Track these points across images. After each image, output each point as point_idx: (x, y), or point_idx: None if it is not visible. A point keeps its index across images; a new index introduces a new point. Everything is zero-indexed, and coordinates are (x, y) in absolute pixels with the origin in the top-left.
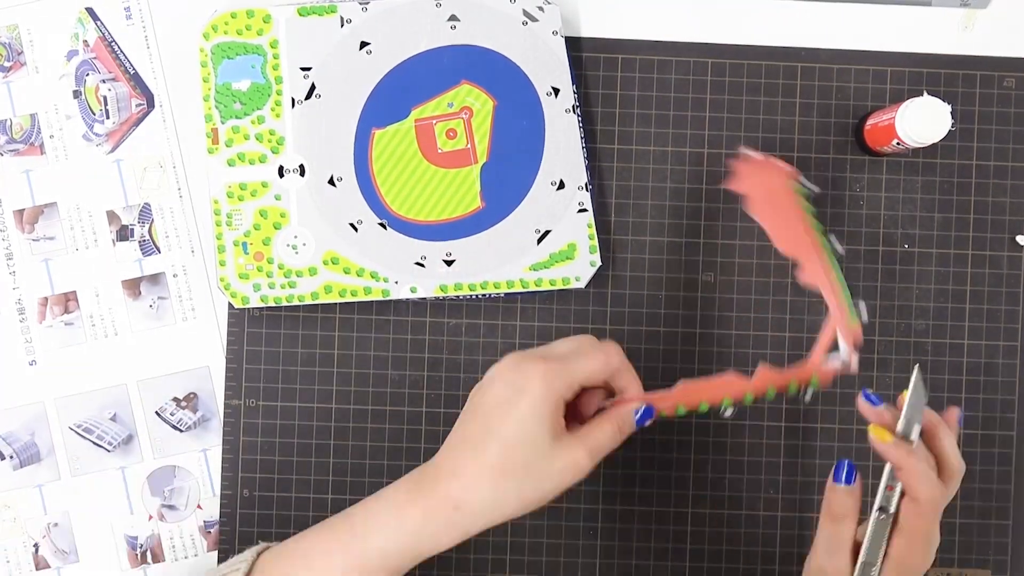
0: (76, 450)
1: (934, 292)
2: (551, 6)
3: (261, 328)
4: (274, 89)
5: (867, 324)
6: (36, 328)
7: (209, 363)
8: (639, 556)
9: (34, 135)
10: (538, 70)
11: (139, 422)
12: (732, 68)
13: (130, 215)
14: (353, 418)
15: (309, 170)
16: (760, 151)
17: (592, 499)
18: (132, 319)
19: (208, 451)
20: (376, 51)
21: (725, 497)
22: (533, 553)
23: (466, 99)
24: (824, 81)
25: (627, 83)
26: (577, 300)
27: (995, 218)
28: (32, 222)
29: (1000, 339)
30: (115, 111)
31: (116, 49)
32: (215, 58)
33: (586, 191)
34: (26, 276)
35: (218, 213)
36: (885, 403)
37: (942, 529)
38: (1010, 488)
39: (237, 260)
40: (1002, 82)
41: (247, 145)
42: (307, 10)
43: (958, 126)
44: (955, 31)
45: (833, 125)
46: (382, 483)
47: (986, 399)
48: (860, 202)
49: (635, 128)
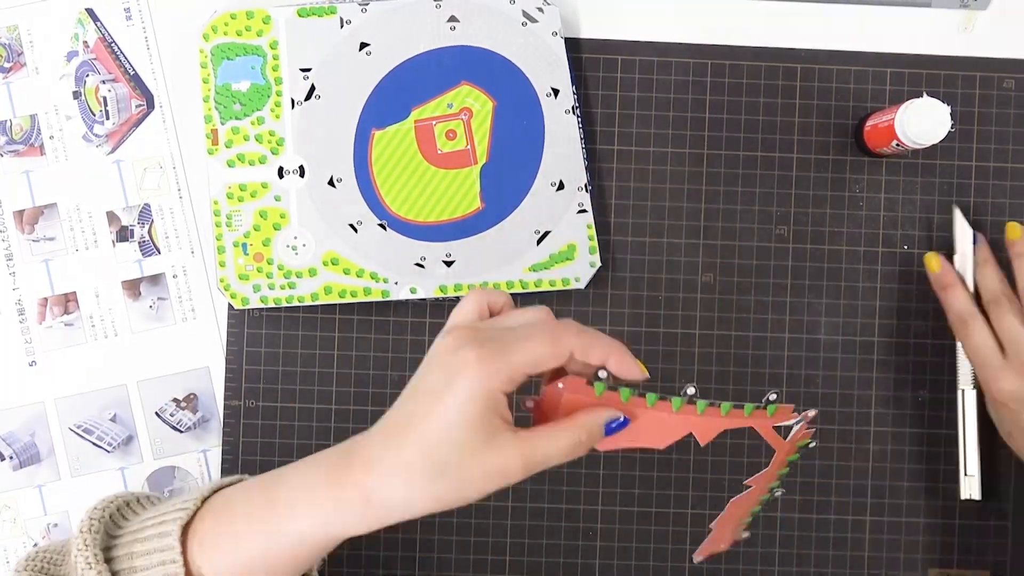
0: (76, 451)
1: (933, 293)
2: (551, 7)
3: (261, 329)
4: (274, 90)
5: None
6: (36, 329)
7: (209, 364)
8: (639, 556)
9: (34, 136)
10: (538, 71)
11: (139, 423)
12: (732, 69)
13: (130, 216)
14: (353, 419)
15: (309, 171)
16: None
17: (592, 500)
18: (132, 320)
19: (208, 452)
20: (376, 52)
21: (725, 497)
22: (533, 554)
23: (466, 100)
24: (823, 82)
25: (627, 84)
26: (577, 301)
27: (995, 219)
28: (32, 223)
29: None
30: (115, 112)
31: (116, 50)
32: (215, 59)
33: (586, 192)
34: (26, 277)
35: (218, 214)
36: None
37: (941, 529)
38: (1010, 488)
39: (237, 261)
40: (1002, 83)
41: (247, 146)
42: (307, 11)
43: (958, 127)
44: (955, 32)
45: (833, 126)
46: None
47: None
48: (860, 203)
49: (635, 129)
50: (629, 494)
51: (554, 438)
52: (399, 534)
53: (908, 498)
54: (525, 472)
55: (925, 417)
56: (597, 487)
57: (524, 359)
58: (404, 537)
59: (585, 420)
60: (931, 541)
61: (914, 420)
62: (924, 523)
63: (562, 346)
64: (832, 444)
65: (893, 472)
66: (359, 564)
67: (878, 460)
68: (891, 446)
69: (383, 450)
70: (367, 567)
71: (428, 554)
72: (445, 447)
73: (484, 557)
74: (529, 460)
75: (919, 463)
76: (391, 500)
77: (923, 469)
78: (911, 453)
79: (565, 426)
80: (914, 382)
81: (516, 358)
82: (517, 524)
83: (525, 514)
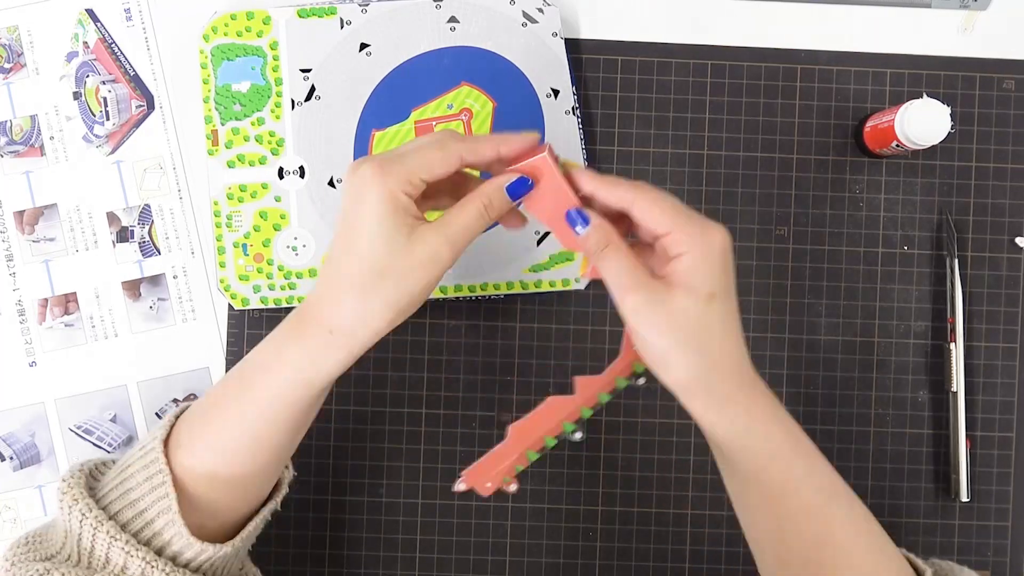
0: (76, 451)
1: (933, 293)
2: (551, 8)
3: (261, 329)
4: (274, 91)
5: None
6: (36, 329)
7: (209, 364)
8: (639, 557)
9: (34, 136)
10: (538, 72)
11: (139, 423)
12: (732, 70)
13: (130, 216)
14: (353, 419)
15: (309, 172)
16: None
17: (592, 500)
18: (132, 320)
19: None
20: (376, 53)
21: (724, 498)
22: (533, 554)
23: (466, 100)
24: (824, 83)
25: (627, 85)
26: (577, 301)
27: (994, 220)
28: (32, 223)
29: (1000, 340)
30: (115, 112)
31: (116, 50)
32: (215, 60)
33: None
34: (26, 277)
35: (218, 215)
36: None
37: (941, 530)
38: (1010, 489)
39: (237, 261)
40: (1001, 84)
41: (247, 147)
42: (307, 12)
43: (957, 128)
44: (955, 33)
45: (833, 127)
46: (381, 484)
47: (986, 400)
48: (860, 203)
49: (635, 130)
50: (629, 494)
51: (463, 210)
52: (399, 534)
53: (908, 498)
54: (452, 249)
55: (925, 417)
56: (597, 487)
57: (416, 163)
58: (404, 537)
59: (486, 187)
60: (931, 541)
61: (914, 420)
62: (924, 523)
63: (449, 150)
64: (832, 444)
65: (893, 472)
66: (359, 564)
67: (878, 460)
68: (891, 446)
69: (327, 285)
70: (367, 567)
71: (428, 554)
72: (376, 254)
73: (484, 557)
74: (450, 237)
75: (919, 463)
76: (351, 320)
77: (923, 469)
78: (911, 453)
79: (469, 197)
80: (914, 382)
81: (409, 163)
82: (517, 524)
83: (525, 514)
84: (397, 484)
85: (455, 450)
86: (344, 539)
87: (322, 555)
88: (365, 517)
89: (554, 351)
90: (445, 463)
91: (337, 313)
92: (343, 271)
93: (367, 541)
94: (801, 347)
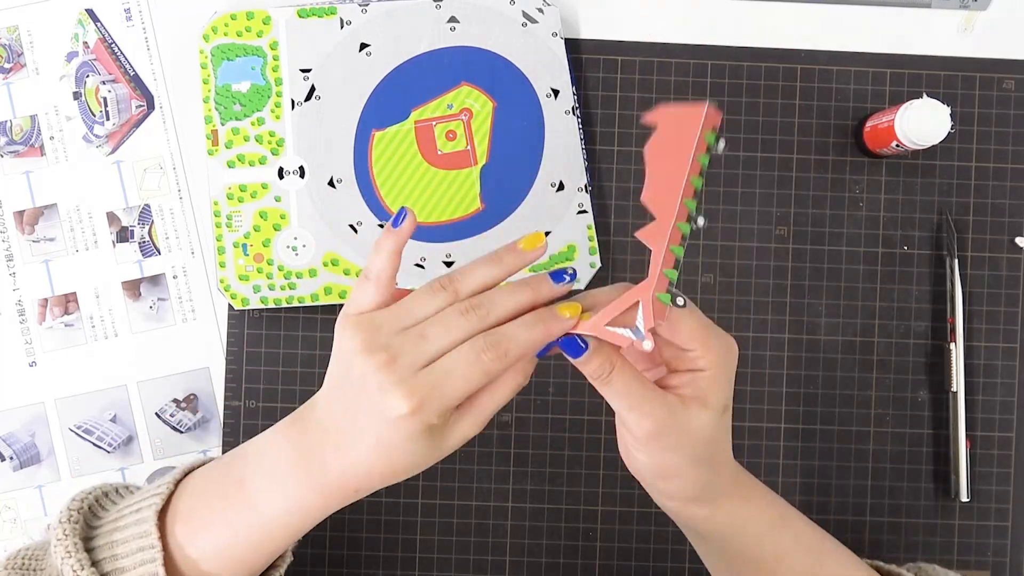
0: (76, 451)
1: (933, 294)
2: (551, 8)
3: (261, 329)
4: (274, 91)
5: (682, 307)
6: (36, 329)
7: (209, 364)
8: (639, 557)
9: (34, 136)
10: (538, 72)
11: (139, 423)
12: (731, 70)
13: (130, 216)
14: None
15: (309, 172)
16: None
17: (592, 500)
18: (132, 320)
19: (208, 452)
20: (376, 53)
21: None
22: (533, 554)
23: (466, 100)
24: (823, 83)
25: (626, 85)
26: None
27: (994, 220)
28: (32, 223)
29: (1000, 340)
30: (115, 112)
31: (116, 50)
32: (215, 60)
33: (586, 192)
34: (26, 277)
35: (218, 215)
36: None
37: (941, 530)
38: (1010, 489)
39: (237, 261)
40: (1001, 84)
41: (247, 147)
42: (307, 12)
43: (957, 128)
44: (955, 33)
45: (833, 127)
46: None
47: (986, 400)
48: (860, 203)
49: (635, 130)
50: (629, 494)
51: (497, 393)
52: (399, 534)
53: (908, 498)
54: (480, 428)
55: (925, 417)
56: (597, 487)
57: (455, 395)
58: (404, 537)
59: (528, 367)
60: (931, 541)
61: (914, 420)
62: (924, 523)
63: (492, 371)
64: (832, 444)
65: (893, 472)
66: (359, 564)
67: (878, 460)
68: (891, 446)
69: (356, 450)
70: (367, 567)
71: (428, 554)
72: (410, 462)
73: (484, 557)
74: (481, 422)
75: (919, 463)
76: (378, 484)
77: (923, 469)
78: (911, 453)
79: (505, 379)
80: (914, 382)
81: (448, 396)
82: (517, 524)
83: (525, 514)
84: (397, 484)
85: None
86: (344, 539)
87: (322, 555)
88: (365, 517)
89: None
90: (445, 463)
91: (365, 480)
92: (369, 452)
93: (367, 541)
94: (801, 347)
